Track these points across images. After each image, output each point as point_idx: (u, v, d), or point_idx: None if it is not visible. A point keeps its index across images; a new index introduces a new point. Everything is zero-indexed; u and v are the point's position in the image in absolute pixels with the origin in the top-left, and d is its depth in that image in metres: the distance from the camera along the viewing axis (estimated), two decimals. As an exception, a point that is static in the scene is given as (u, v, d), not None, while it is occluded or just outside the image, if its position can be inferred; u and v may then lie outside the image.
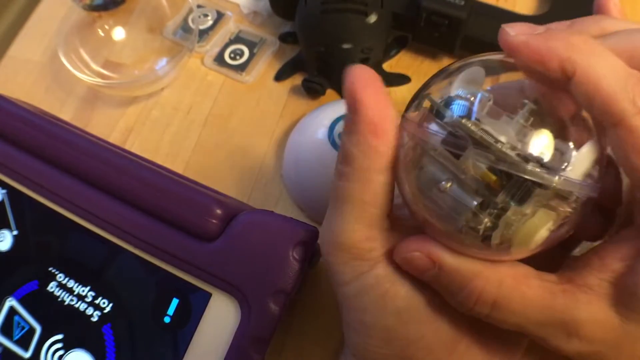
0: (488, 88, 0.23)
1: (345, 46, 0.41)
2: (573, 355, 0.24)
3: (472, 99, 0.22)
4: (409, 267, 0.24)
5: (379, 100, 0.23)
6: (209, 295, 0.28)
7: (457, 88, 0.23)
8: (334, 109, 0.42)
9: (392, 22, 0.42)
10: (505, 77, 0.24)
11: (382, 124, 0.23)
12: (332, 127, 0.40)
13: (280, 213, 0.40)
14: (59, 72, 0.47)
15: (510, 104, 0.22)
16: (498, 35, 0.22)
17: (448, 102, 0.22)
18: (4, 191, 0.32)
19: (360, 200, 0.24)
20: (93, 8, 0.48)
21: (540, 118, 0.22)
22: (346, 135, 0.24)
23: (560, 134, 0.21)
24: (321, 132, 0.40)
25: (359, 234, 0.24)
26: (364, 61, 0.42)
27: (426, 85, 0.25)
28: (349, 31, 0.40)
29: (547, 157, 0.21)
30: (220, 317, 0.27)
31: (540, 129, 0.21)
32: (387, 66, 0.45)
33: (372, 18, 0.40)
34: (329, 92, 0.45)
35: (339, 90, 0.44)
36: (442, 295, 0.24)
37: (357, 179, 0.24)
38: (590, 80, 0.20)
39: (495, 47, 0.24)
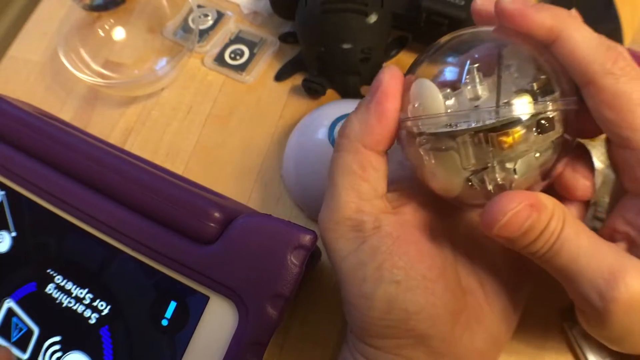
0: (476, 56, 0.26)
1: (345, 46, 0.41)
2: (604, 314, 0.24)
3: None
4: (511, 223, 0.24)
5: (396, 86, 0.27)
6: (207, 298, 0.28)
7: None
8: (334, 109, 0.41)
9: (392, 22, 0.42)
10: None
11: (388, 106, 0.26)
12: (332, 127, 0.40)
13: (280, 213, 0.41)
14: (59, 72, 0.47)
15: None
16: (494, 6, 0.26)
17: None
18: (2, 193, 0.32)
19: (349, 169, 0.27)
20: (93, 8, 0.48)
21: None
22: (354, 111, 0.28)
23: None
24: (321, 132, 0.40)
25: (350, 205, 0.27)
26: (364, 61, 0.41)
27: (417, 62, 0.27)
28: (349, 31, 0.40)
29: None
30: (218, 321, 0.27)
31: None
32: (387, 66, 0.45)
33: (372, 18, 0.40)
34: (329, 92, 0.44)
35: (339, 90, 0.44)
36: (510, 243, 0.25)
37: (348, 149, 0.27)
38: (568, 46, 0.24)
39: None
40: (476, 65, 0.25)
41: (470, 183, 0.25)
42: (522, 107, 0.23)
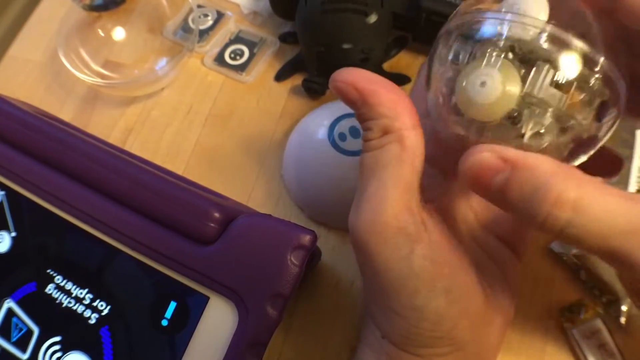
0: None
1: (345, 46, 0.41)
2: None
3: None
4: (476, 173, 0.21)
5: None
6: (207, 298, 0.28)
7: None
8: (334, 109, 0.41)
9: (392, 22, 0.42)
10: None
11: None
12: (332, 127, 0.40)
13: (280, 213, 0.41)
14: (59, 72, 0.47)
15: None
16: None
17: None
18: (2, 193, 0.32)
19: (398, 158, 0.24)
20: (93, 8, 0.48)
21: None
22: (373, 115, 0.24)
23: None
24: (321, 132, 0.40)
25: (399, 202, 0.23)
26: (364, 61, 0.41)
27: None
28: (349, 31, 0.40)
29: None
30: (218, 321, 0.27)
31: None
32: (387, 66, 0.45)
33: (372, 18, 0.40)
34: (329, 92, 0.44)
35: (339, 91, 0.44)
36: (509, 208, 0.21)
37: (396, 139, 0.24)
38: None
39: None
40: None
41: (511, 117, 0.22)
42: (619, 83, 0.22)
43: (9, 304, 0.31)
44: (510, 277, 0.30)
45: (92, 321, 0.29)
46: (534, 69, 0.21)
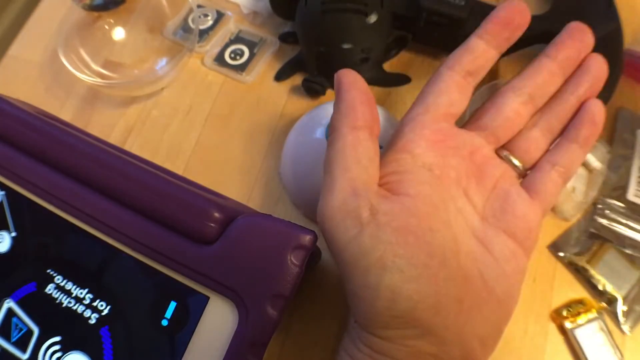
0: None
1: (345, 46, 0.41)
2: None
3: None
4: None
5: (358, 83, 0.30)
6: (207, 298, 0.28)
7: None
8: (332, 108, 0.41)
9: (392, 22, 0.42)
10: None
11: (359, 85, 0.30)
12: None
13: (280, 213, 0.41)
14: (59, 72, 0.47)
15: None
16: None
17: None
18: (2, 193, 0.32)
19: (342, 153, 0.28)
20: (93, 8, 0.48)
21: None
22: (334, 113, 0.30)
23: None
24: (319, 132, 0.40)
25: (345, 188, 0.27)
26: (364, 61, 0.41)
27: None
28: (349, 31, 0.40)
29: None
30: (218, 321, 0.27)
31: None
32: (387, 66, 0.45)
33: (372, 18, 0.40)
34: (329, 92, 0.44)
35: (339, 91, 0.44)
36: None
37: (340, 137, 0.28)
38: None
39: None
40: None
41: None
42: None
43: (9, 304, 0.31)
44: (511, 274, 0.30)
45: (92, 321, 0.29)
46: None
